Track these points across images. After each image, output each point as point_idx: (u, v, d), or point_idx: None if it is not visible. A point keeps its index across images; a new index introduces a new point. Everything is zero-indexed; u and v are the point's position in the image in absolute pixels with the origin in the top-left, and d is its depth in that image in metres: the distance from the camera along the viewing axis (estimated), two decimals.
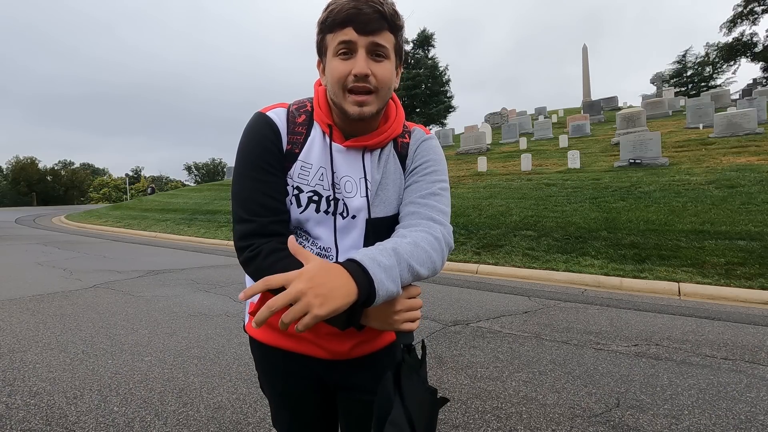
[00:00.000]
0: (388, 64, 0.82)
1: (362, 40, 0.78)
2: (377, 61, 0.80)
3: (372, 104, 0.82)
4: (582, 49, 35.33)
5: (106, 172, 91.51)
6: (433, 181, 0.90)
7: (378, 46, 0.79)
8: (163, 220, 15.25)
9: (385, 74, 0.81)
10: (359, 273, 0.65)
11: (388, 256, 0.70)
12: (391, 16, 0.79)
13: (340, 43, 0.79)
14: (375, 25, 0.77)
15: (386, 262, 0.69)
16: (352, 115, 0.82)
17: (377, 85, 0.80)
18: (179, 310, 4.46)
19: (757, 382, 2.69)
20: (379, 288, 0.66)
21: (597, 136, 17.19)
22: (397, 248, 0.72)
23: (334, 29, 0.79)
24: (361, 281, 0.65)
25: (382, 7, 0.78)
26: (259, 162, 0.85)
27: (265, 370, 1.01)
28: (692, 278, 5.26)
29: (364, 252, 0.70)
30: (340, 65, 0.79)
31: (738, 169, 8.83)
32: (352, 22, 0.77)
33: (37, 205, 54.56)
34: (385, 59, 0.81)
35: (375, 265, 0.67)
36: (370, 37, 0.78)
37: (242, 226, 0.83)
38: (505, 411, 2.37)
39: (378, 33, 0.79)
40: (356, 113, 0.81)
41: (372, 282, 0.65)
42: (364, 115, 0.82)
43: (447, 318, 4.13)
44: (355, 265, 0.66)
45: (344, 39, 0.78)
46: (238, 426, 2.23)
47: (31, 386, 2.68)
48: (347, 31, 0.78)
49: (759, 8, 32.49)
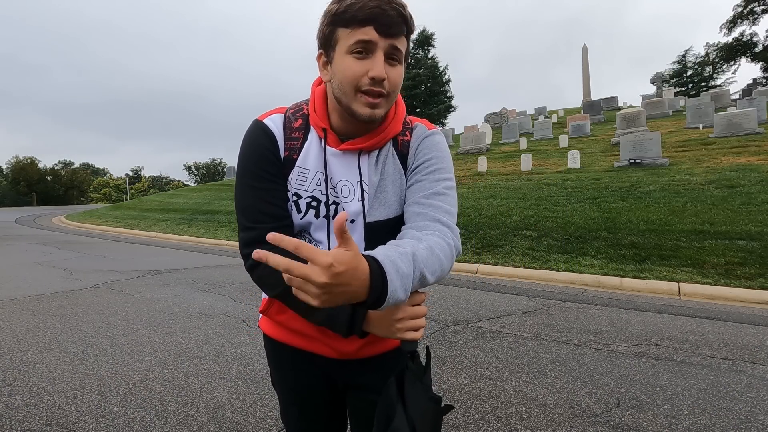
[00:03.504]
0: (400, 68, 0.80)
1: (382, 42, 0.75)
2: (392, 65, 0.78)
3: (383, 107, 0.80)
4: (582, 50, 35.34)
5: (106, 172, 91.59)
6: (437, 179, 0.86)
7: (396, 50, 0.77)
8: (163, 220, 15.25)
9: (398, 79, 0.80)
10: (377, 277, 0.61)
11: (408, 263, 0.66)
12: (410, 21, 0.77)
13: (359, 41, 0.75)
14: (397, 28, 0.75)
15: (405, 270, 0.65)
16: (362, 117, 0.79)
17: (390, 90, 0.79)
18: (179, 310, 4.46)
19: (757, 382, 2.69)
20: (390, 296, 0.62)
21: (597, 136, 17.18)
22: (415, 254, 0.68)
23: (352, 25, 0.75)
24: (375, 286, 0.61)
25: (404, 10, 0.75)
26: (256, 170, 0.84)
27: (276, 366, 1.01)
28: (692, 278, 5.26)
29: (385, 253, 0.64)
30: (355, 64, 0.76)
31: (738, 169, 8.83)
32: (374, 22, 0.74)
33: (37, 205, 54.56)
34: (398, 64, 0.79)
35: (394, 271, 0.63)
36: (390, 39, 0.76)
37: (245, 233, 0.84)
38: (505, 411, 2.37)
39: (398, 36, 0.77)
40: (367, 115, 0.79)
41: (386, 288, 0.62)
42: (374, 117, 0.79)
43: (447, 318, 4.13)
44: (377, 267, 0.62)
45: (364, 38, 0.74)
46: (238, 426, 2.23)
47: (31, 386, 2.68)
48: (367, 30, 0.74)
49: (759, 8, 32.52)
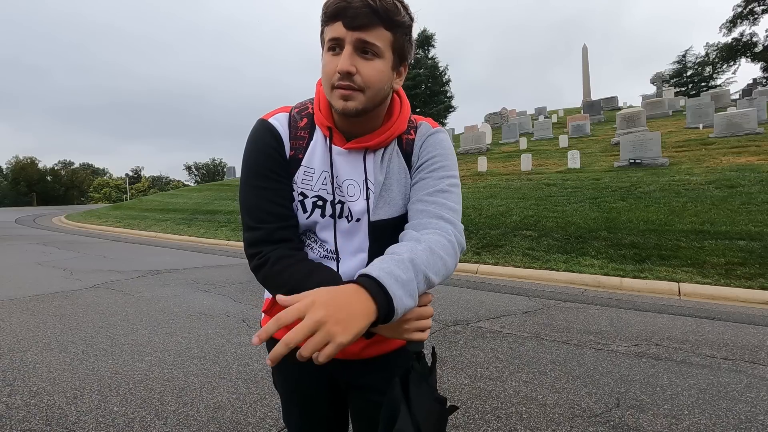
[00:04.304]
0: (379, 63, 0.76)
1: (349, 36, 0.74)
2: (366, 59, 0.75)
3: (356, 101, 0.77)
4: (582, 49, 35.33)
5: (106, 172, 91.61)
6: (440, 177, 0.86)
7: (366, 44, 0.74)
8: (163, 220, 15.24)
9: (372, 73, 0.76)
10: (378, 291, 0.62)
11: (406, 269, 0.66)
12: (384, 12, 0.73)
13: (331, 38, 0.75)
14: (363, 20, 0.73)
15: (404, 277, 0.65)
16: (337, 110, 0.79)
17: (363, 85, 0.76)
18: (179, 310, 4.46)
19: (757, 382, 2.69)
20: (398, 306, 0.63)
21: (597, 136, 17.18)
22: (414, 259, 0.69)
23: (328, 22, 0.76)
24: (380, 300, 0.62)
25: (374, 1, 0.72)
26: (262, 170, 0.84)
27: (278, 366, 1.00)
28: (692, 278, 5.26)
29: (380, 266, 0.66)
30: (330, 61, 0.77)
31: (738, 169, 8.83)
32: (341, 16, 0.73)
33: (37, 205, 54.57)
34: (376, 58, 0.76)
35: (393, 281, 0.64)
36: (357, 33, 0.73)
37: (250, 233, 0.83)
38: (505, 411, 2.37)
39: (367, 29, 0.74)
40: (340, 107, 0.78)
41: (391, 300, 0.63)
42: (347, 109, 0.77)
43: (447, 318, 4.13)
44: (373, 283, 0.63)
45: (333, 34, 0.75)
46: (238, 426, 2.23)
47: (31, 386, 2.68)
48: (336, 26, 0.74)
49: (759, 8, 32.52)
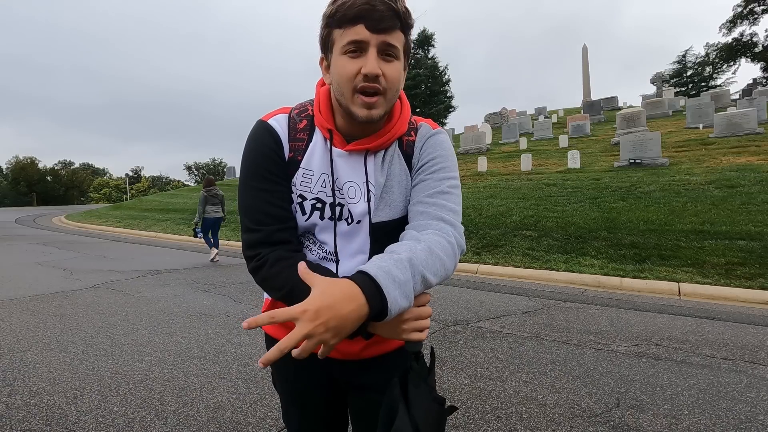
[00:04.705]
0: (397, 64, 0.78)
1: (374, 39, 0.74)
2: (387, 61, 0.76)
3: (380, 107, 0.78)
4: (582, 49, 35.32)
5: (106, 172, 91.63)
6: (441, 178, 0.86)
7: (389, 46, 0.75)
8: (163, 220, 15.25)
9: (395, 75, 0.77)
10: (372, 289, 0.63)
11: (404, 270, 0.67)
12: (404, 15, 0.75)
13: (351, 41, 0.74)
14: (388, 23, 0.73)
15: (401, 277, 0.66)
16: (360, 118, 0.78)
17: (386, 86, 0.77)
18: (179, 310, 4.46)
19: (757, 382, 2.69)
20: (392, 306, 0.64)
21: (597, 136, 17.18)
22: (412, 259, 0.69)
23: (344, 25, 0.75)
24: (373, 299, 0.62)
25: (395, 4, 0.73)
26: (260, 171, 0.84)
27: (278, 366, 1.00)
28: (692, 278, 5.26)
29: (378, 264, 0.66)
30: (349, 63, 0.75)
31: (738, 169, 8.83)
32: (364, 19, 0.73)
33: (37, 205, 54.59)
34: (395, 60, 0.77)
35: (389, 281, 0.64)
36: (382, 35, 0.74)
37: (248, 235, 0.83)
38: (505, 411, 2.37)
39: (390, 32, 0.75)
40: (364, 116, 0.77)
41: (385, 299, 0.63)
42: (372, 118, 0.78)
43: (447, 318, 4.13)
44: (368, 281, 0.63)
45: (355, 37, 0.74)
46: (238, 426, 2.23)
47: (31, 386, 2.68)
48: (358, 29, 0.73)
49: (759, 8, 32.53)
